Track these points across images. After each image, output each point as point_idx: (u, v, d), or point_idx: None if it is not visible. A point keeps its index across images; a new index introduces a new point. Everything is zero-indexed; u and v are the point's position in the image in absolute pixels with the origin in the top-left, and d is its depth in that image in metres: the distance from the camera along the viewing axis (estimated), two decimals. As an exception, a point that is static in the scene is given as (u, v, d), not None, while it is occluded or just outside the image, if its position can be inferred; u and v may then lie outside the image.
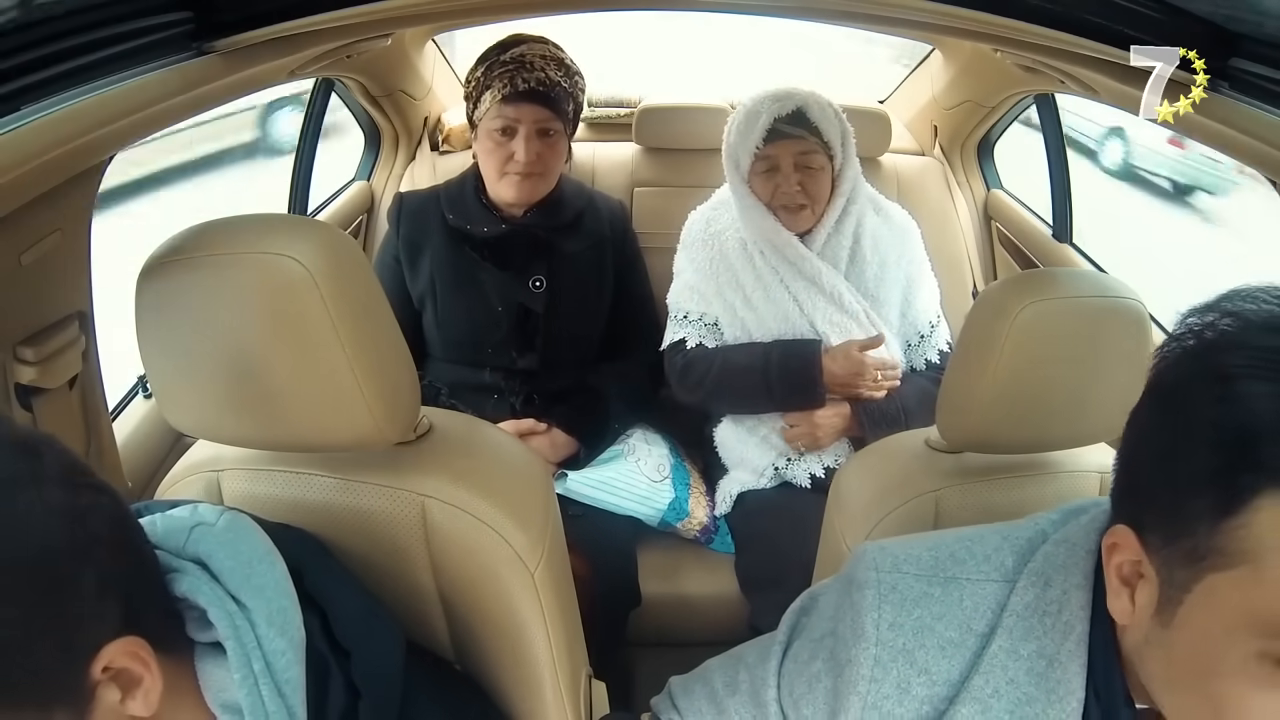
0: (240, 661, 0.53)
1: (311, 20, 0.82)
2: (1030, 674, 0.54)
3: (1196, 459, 0.44)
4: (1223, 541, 0.43)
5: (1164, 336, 0.50)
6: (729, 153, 1.38)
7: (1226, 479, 0.43)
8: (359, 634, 0.61)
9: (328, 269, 0.62)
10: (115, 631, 0.46)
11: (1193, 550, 0.44)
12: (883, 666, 0.57)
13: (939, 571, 0.59)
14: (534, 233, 1.38)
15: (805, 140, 1.31)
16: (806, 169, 1.32)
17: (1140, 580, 0.49)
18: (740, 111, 1.36)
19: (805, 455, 1.37)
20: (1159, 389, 0.49)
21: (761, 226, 1.34)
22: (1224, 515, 0.43)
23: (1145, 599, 0.48)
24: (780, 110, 1.31)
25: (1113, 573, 0.50)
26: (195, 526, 0.57)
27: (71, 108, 0.67)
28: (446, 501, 0.73)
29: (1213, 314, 0.47)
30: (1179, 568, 0.45)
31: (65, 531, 0.44)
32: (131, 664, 0.46)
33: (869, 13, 1.07)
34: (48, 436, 0.47)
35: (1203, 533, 0.44)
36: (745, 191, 1.35)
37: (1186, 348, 0.47)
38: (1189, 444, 0.45)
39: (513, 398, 1.39)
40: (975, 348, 0.78)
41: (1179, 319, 0.48)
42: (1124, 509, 0.51)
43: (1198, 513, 0.44)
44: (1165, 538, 0.46)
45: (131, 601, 0.48)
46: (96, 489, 0.48)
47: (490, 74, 1.30)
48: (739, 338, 1.38)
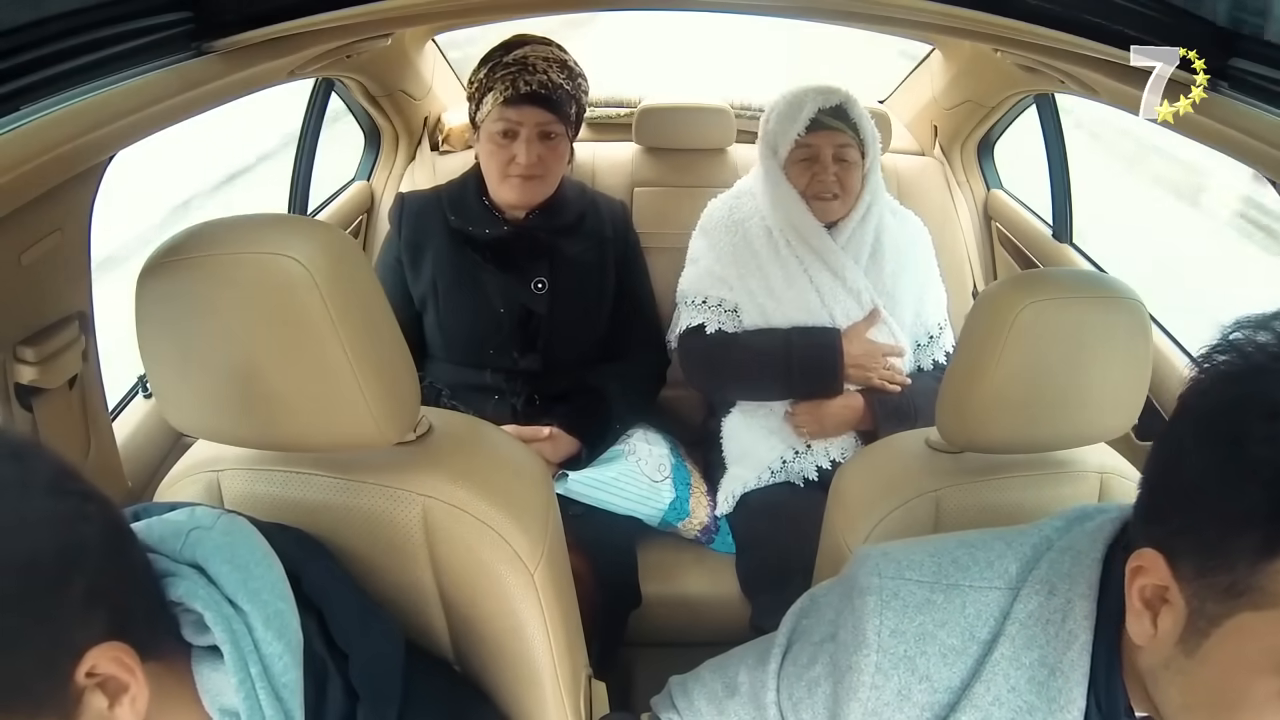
0: (237, 665, 0.52)
1: (311, 20, 0.82)
2: (1032, 682, 0.54)
3: (1243, 497, 0.42)
4: (1264, 582, 0.42)
5: (1164, 336, 0.49)
6: (767, 139, 1.39)
7: (1274, 522, 0.41)
8: (357, 636, 0.61)
9: (328, 269, 0.62)
10: (101, 637, 0.46)
11: (1229, 587, 0.43)
12: (884, 673, 0.57)
13: (942, 578, 0.59)
14: (536, 234, 1.38)
15: (845, 133, 1.34)
16: (843, 161, 1.35)
17: (1165, 605, 0.48)
18: (782, 100, 1.38)
19: (812, 448, 1.37)
20: (1198, 411, 0.47)
21: (792, 213, 1.36)
22: (1266, 557, 0.41)
23: (1169, 625, 0.47)
24: (825, 102, 1.33)
25: (1135, 594, 0.49)
26: (192, 530, 0.57)
27: (71, 108, 0.67)
28: (446, 501, 0.73)
29: (1265, 334, 0.44)
30: (1212, 601, 0.44)
31: (52, 539, 0.44)
32: (117, 671, 0.46)
33: (869, 13, 1.07)
34: (36, 443, 0.47)
35: (1242, 570, 0.42)
36: (781, 178, 1.37)
37: (1233, 369, 0.45)
38: (1235, 480, 0.43)
39: (514, 399, 1.39)
40: (975, 348, 0.78)
41: (1223, 330, 0.46)
42: (1153, 533, 0.49)
43: (1239, 551, 0.42)
44: (1200, 570, 0.45)
45: (120, 607, 0.48)
46: (85, 496, 0.47)
47: (492, 76, 1.30)
48: (757, 324, 1.39)
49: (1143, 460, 0.52)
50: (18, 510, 0.44)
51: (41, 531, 0.44)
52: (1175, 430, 0.48)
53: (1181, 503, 0.47)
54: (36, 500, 0.44)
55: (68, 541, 0.45)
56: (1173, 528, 0.47)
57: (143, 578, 0.52)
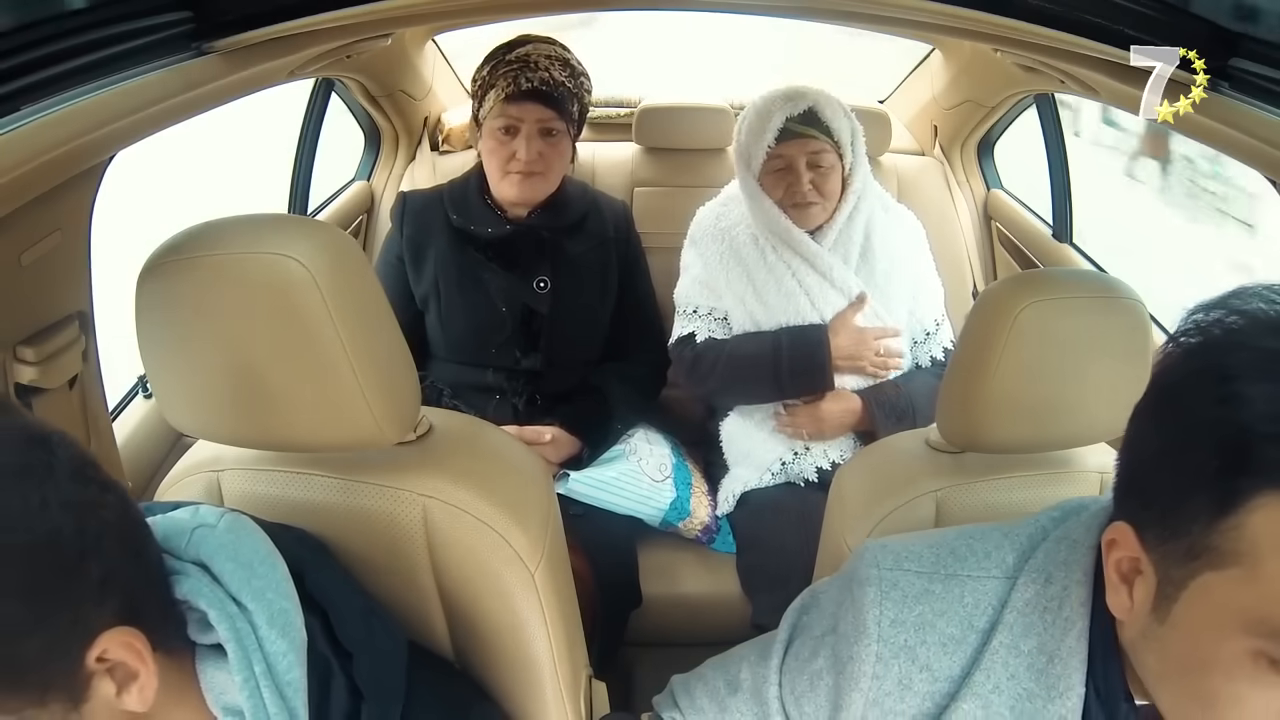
0: (241, 664, 0.53)
1: (311, 20, 0.82)
2: (1031, 669, 0.55)
3: (1194, 458, 0.44)
4: (1218, 541, 0.43)
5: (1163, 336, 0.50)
6: (740, 152, 1.38)
7: (1224, 479, 0.42)
8: (361, 635, 0.61)
9: (328, 269, 0.62)
10: (113, 622, 0.47)
11: (1189, 549, 0.44)
12: (885, 663, 0.57)
13: (940, 568, 0.59)
14: (538, 234, 1.38)
15: (817, 140, 1.32)
16: (818, 168, 1.33)
17: (1138, 577, 0.49)
18: (751, 111, 1.36)
19: (811, 449, 1.37)
20: (1161, 386, 0.49)
21: (773, 223, 1.34)
22: (1220, 515, 0.43)
23: (1142, 595, 0.49)
24: (792, 110, 1.31)
25: (1112, 569, 0.51)
26: (196, 529, 0.57)
27: (71, 108, 0.67)
28: (447, 501, 0.73)
29: (1219, 311, 0.46)
30: (1175, 565, 0.46)
31: (74, 522, 0.45)
32: (127, 656, 0.47)
33: (869, 13, 1.07)
34: (59, 431, 0.48)
35: (1198, 532, 0.44)
36: (757, 190, 1.36)
37: (1190, 345, 0.47)
38: (1188, 443, 0.45)
39: (515, 398, 1.39)
40: (975, 347, 0.78)
41: (1184, 315, 0.48)
42: (1124, 506, 0.51)
43: (1194, 512, 0.44)
44: (1162, 535, 0.46)
45: (132, 596, 0.48)
46: (105, 485, 0.48)
47: (495, 73, 1.30)
48: (747, 330, 1.38)
49: None
50: (42, 492, 0.44)
51: (64, 515, 0.45)
52: (1141, 407, 0.50)
53: (1144, 474, 0.49)
54: (62, 484, 0.45)
55: (88, 526, 0.46)
56: (1138, 499, 0.49)
57: (155, 571, 0.53)
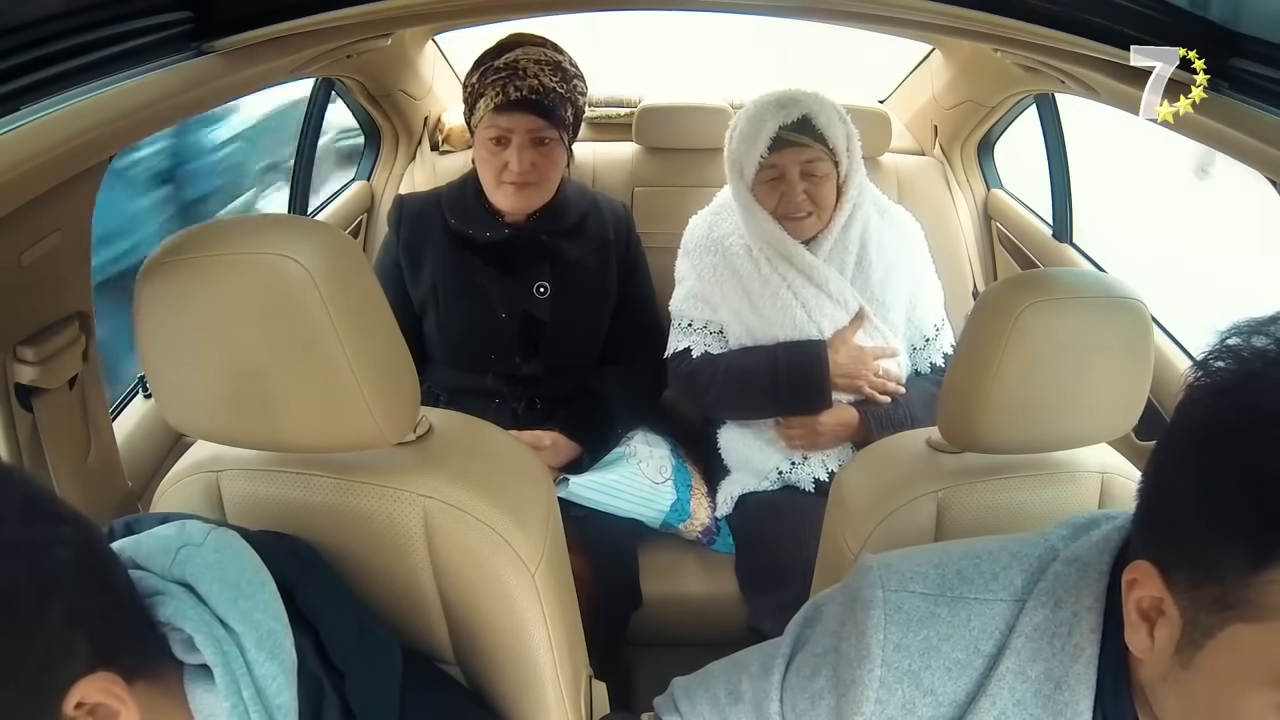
0: (230, 688, 0.51)
1: (311, 20, 0.82)
2: (1038, 696, 0.53)
3: (1232, 508, 0.42)
4: (1254, 595, 0.41)
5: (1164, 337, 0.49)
6: (732, 160, 1.34)
7: (1263, 533, 0.40)
8: (353, 654, 0.59)
9: (328, 269, 0.62)
10: (87, 667, 0.45)
11: (1220, 598, 0.42)
12: (888, 688, 0.56)
13: (946, 590, 0.58)
14: (537, 238, 1.36)
15: (811, 148, 1.28)
16: (812, 177, 1.29)
17: (1161, 617, 0.47)
18: (743, 118, 1.32)
19: (809, 459, 1.35)
20: (1191, 421, 0.46)
21: (766, 234, 1.31)
22: (1256, 569, 0.41)
23: (1165, 637, 0.47)
24: (785, 118, 1.27)
25: (1132, 607, 0.49)
26: (181, 548, 0.55)
27: (71, 108, 0.67)
28: (446, 502, 0.73)
29: (1260, 338, 0.43)
30: (1204, 613, 0.44)
31: (27, 568, 0.43)
32: (106, 699, 0.45)
33: (869, 13, 1.07)
34: (6, 466, 0.46)
35: (1231, 582, 0.42)
36: (750, 200, 1.32)
37: (1226, 375, 0.44)
38: (1225, 490, 0.42)
39: (515, 403, 1.38)
40: (976, 348, 0.78)
41: (1218, 336, 0.45)
42: (1147, 544, 0.49)
43: (1230, 563, 0.42)
44: (1192, 581, 0.44)
45: (103, 633, 0.46)
46: (59, 519, 0.46)
47: (484, 81, 1.26)
48: (743, 343, 1.36)
49: (1144, 461, 0.51)
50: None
51: (15, 561, 0.43)
52: (1169, 441, 0.48)
53: (1173, 514, 0.46)
54: (9, 529, 0.43)
55: (43, 569, 0.44)
56: (1165, 539, 0.47)
57: (125, 596, 0.50)
